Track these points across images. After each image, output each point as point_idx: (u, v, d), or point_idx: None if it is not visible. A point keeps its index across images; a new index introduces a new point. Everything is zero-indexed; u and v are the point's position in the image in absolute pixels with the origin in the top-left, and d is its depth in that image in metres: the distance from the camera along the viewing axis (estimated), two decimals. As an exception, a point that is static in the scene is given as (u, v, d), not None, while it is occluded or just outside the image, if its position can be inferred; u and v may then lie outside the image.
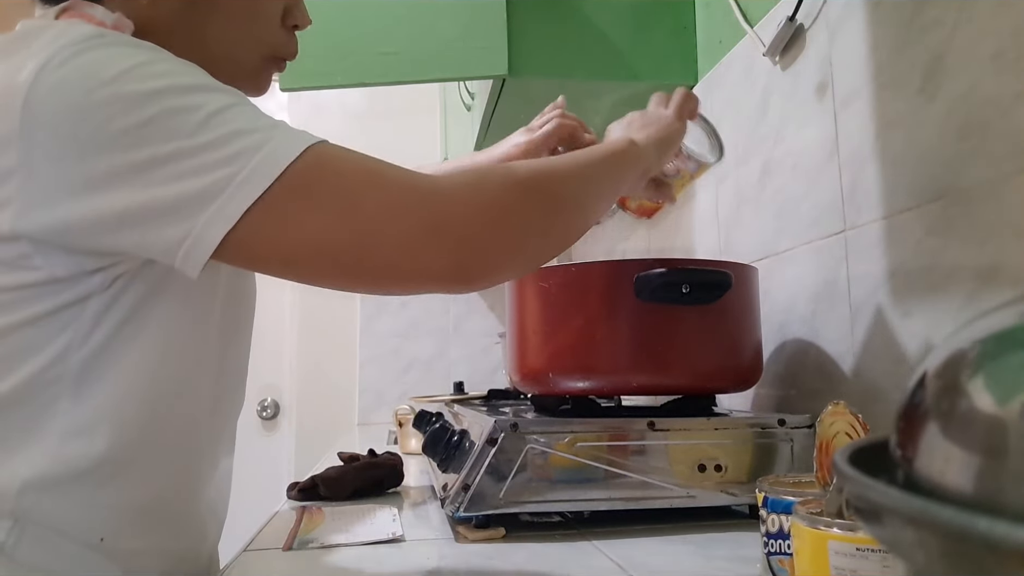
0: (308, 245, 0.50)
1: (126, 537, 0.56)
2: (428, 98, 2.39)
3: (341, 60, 1.17)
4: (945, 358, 0.24)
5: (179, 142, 0.47)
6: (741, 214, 1.04)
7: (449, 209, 0.52)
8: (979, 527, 0.17)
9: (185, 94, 0.49)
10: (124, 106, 0.47)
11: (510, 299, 0.88)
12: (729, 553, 0.64)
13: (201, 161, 0.47)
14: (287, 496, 0.94)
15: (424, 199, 0.52)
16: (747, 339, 0.83)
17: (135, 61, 0.49)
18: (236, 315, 0.66)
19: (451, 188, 0.53)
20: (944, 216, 0.65)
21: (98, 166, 0.47)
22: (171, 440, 0.59)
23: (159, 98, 0.48)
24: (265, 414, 2.41)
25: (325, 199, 0.50)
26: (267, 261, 0.51)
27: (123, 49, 0.50)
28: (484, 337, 2.33)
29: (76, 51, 0.48)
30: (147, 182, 0.47)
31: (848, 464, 0.25)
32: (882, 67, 0.74)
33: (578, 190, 0.61)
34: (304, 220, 0.49)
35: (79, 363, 0.53)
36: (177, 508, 0.61)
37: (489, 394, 1.30)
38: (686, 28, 1.23)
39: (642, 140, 0.71)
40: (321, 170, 0.50)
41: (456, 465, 0.74)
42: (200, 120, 0.48)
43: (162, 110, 0.47)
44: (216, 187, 0.47)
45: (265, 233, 0.49)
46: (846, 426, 0.48)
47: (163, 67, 0.50)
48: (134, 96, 0.47)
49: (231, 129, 0.48)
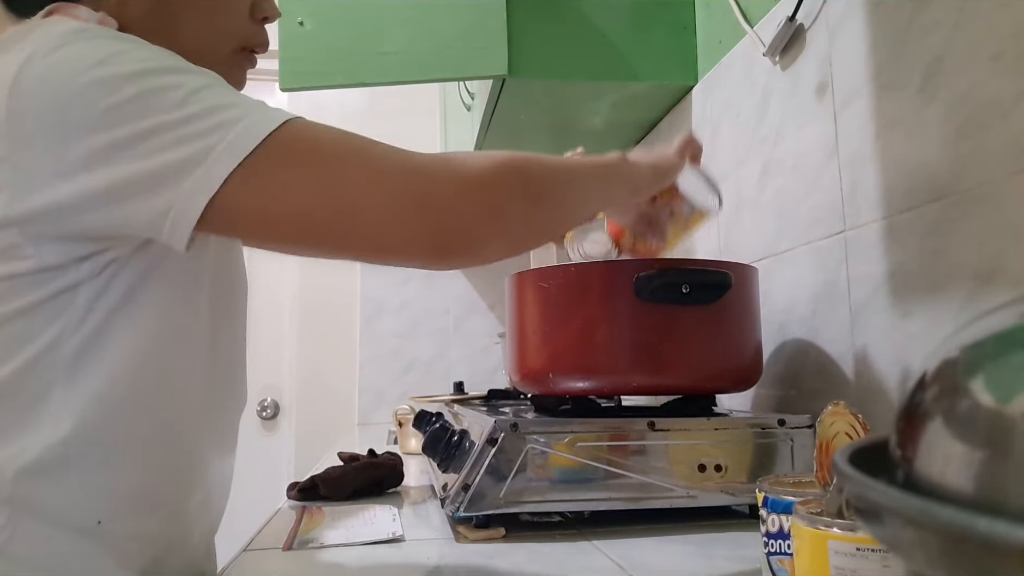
0: (290, 212, 0.52)
1: (123, 520, 0.57)
2: (428, 98, 2.39)
3: (341, 60, 1.18)
4: (945, 358, 0.24)
5: (160, 117, 0.49)
6: (741, 214, 1.04)
7: (433, 181, 0.53)
8: (979, 527, 0.17)
9: (165, 74, 0.50)
10: (106, 88, 0.48)
11: (510, 299, 0.88)
12: (729, 553, 0.64)
13: (182, 133, 0.49)
14: (287, 496, 0.94)
15: (408, 171, 0.53)
16: (747, 339, 0.83)
17: (115, 49, 0.50)
18: (226, 301, 0.67)
19: (436, 163, 0.54)
20: (944, 216, 0.65)
21: (84, 147, 0.48)
22: (164, 425, 0.60)
23: (140, 79, 0.49)
24: (265, 414, 2.41)
25: (306, 168, 0.51)
26: (250, 228, 0.53)
27: (104, 41, 0.51)
28: (484, 337, 2.33)
29: (59, 44, 0.50)
30: (131, 156, 0.48)
31: (848, 464, 0.25)
32: (882, 67, 0.74)
33: (562, 185, 0.62)
34: (286, 188, 0.51)
35: (72, 350, 0.54)
36: (173, 493, 0.62)
37: (489, 394, 1.30)
38: (686, 28, 1.23)
39: (635, 159, 0.70)
40: (302, 140, 0.52)
41: (456, 465, 0.74)
42: (181, 97, 0.49)
43: (143, 89, 0.49)
44: (197, 157, 0.48)
45: (247, 200, 0.50)
46: (846, 426, 0.48)
47: (143, 53, 0.52)
48: (115, 78, 0.49)
49: (211, 104, 0.50)
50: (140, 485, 0.58)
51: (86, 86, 0.49)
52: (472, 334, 2.35)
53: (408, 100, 2.39)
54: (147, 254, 0.56)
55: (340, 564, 0.64)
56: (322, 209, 0.52)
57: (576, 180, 0.64)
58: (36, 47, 0.50)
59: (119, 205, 0.50)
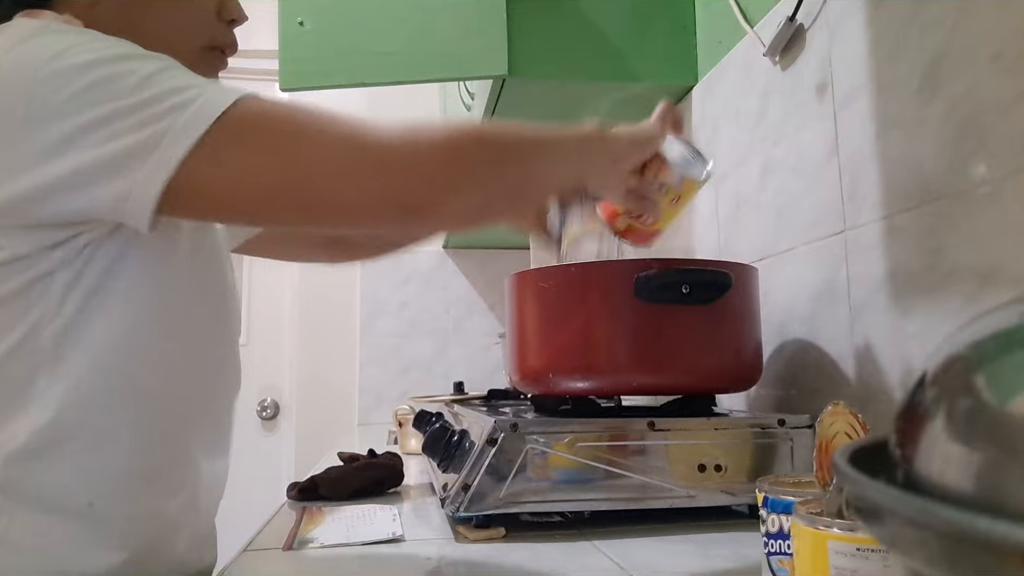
0: (250, 188, 0.53)
1: (114, 501, 0.59)
2: (428, 98, 2.39)
3: (341, 60, 1.17)
4: (945, 358, 0.24)
5: (115, 104, 0.50)
6: (741, 214, 1.04)
7: (392, 144, 0.54)
8: (979, 527, 0.17)
9: (119, 61, 0.52)
10: (64, 79, 0.50)
11: (510, 299, 0.88)
12: (729, 553, 0.64)
13: (138, 118, 0.50)
14: (287, 496, 0.94)
15: (368, 137, 0.54)
16: (747, 339, 0.83)
17: (72, 42, 0.52)
18: (207, 278, 0.68)
19: (397, 131, 0.55)
20: (944, 216, 0.65)
21: (46, 136, 0.50)
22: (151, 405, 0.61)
23: (95, 67, 0.51)
24: (265, 414, 2.41)
25: (260, 141, 0.53)
26: (213, 208, 0.54)
27: (62, 35, 0.53)
28: (484, 337, 2.33)
29: (20, 40, 0.52)
30: (90, 143, 0.50)
31: (848, 464, 0.25)
32: (882, 67, 0.74)
33: (527, 150, 0.62)
34: (241, 162, 0.52)
35: (52, 337, 0.56)
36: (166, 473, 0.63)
37: (489, 394, 1.30)
38: (686, 28, 1.23)
39: (612, 130, 0.70)
40: (255, 116, 0.53)
41: (456, 465, 0.74)
42: (135, 83, 0.51)
43: (98, 77, 0.51)
44: (153, 140, 0.50)
45: (204, 178, 0.51)
46: (846, 426, 0.48)
47: (98, 44, 0.53)
48: (72, 68, 0.50)
49: (165, 88, 0.51)
50: (129, 465, 0.60)
51: (46, 78, 0.50)
52: (472, 334, 2.35)
53: (408, 100, 2.39)
54: (120, 236, 0.57)
55: (340, 564, 0.64)
56: (283, 182, 0.53)
57: (545, 147, 0.64)
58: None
59: (82, 191, 0.51)
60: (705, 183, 0.74)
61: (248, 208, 0.55)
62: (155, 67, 0.52)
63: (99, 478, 0.58)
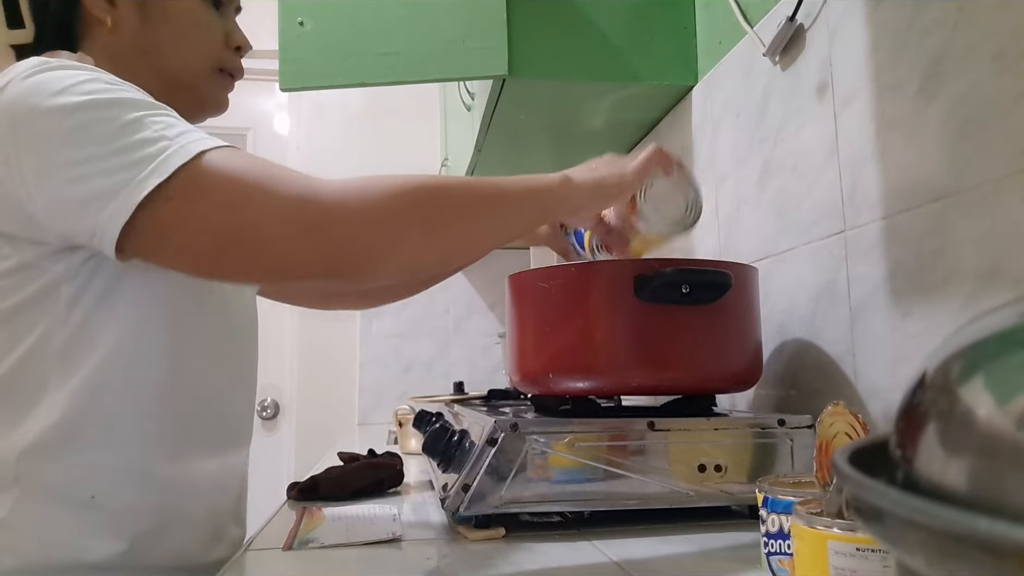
0: (196, 241, 0.56)
1: (115, 495, 0.63)
2: (428, 98, 2.39)
3: (341, 60, 1.17)
4: (945, 358, 0.24)
5: (93, 148, 0.55)
6: (741, 214, 1.04)
7: (327, 207, 0.57)
8: (979, 527, 0.17)
9: (106, 107, 0.57)
10: (58, 116, 0.55)
11: (510, 299, 0.88)
12: (729, 553, 0.64)
13: (109, 165, 0.55)
14: (287, 496, 0.94)
15: (306, 197, 0.57)
16: (747, 339, 0.83)
17: (72, 81, 0.57)
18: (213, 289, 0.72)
19: (334, 189, 0.58)
20: (944, 216, 0.65)
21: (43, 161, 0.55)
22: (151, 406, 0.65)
23: (83, 110, 0.56)
24: (265, 414, 2.41)
25: (213, 195, 0.56)
26: (163, 252, 0.58)
27: (63, 72, 0.58)
28: (484, 337, 2.33)
29: (23, 77, 0.57)
30: (68, 179, 0.55)
31: (848, 464, 0.25)
32: (882, 67, 0.74)
33: (470, 211, 0.63)
34: (194, 214, 0.55)
35: (61, 343, 0.61)
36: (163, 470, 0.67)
37: (489, 394, 1.30)
38: (686, 28, 1.23)
39: (578, 180, 0.69)
40: (213, 170, 0.56)
41: (456, 465, 0.74)
42: (114, 130, 0.55)
43: (84, 120, 0.55)
44: (117, 187, 0.54)
45: (158, 226, 0.55)
46: (846, 426, 0.48)
47: (94, 85, 0.58)
48: (65, 108, 0.56)
49: (139, 138, 0.55)
50: (130, 462, 0.64)
51: (42, 113, 0.55)
52: (472, 334, 2.35)
53: (408, 100, 2.39)
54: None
55: (340, 564, 0.64)
56: (224, 238, 0.56)
57: (493, 205, 0.65)
58: (4, 82, 0.57)
59: (60, 220, 0.56)
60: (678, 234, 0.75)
61: (194, 261, 0.58)
62: (138, 115, 0.57)
63: (101, 473, 0.62)
